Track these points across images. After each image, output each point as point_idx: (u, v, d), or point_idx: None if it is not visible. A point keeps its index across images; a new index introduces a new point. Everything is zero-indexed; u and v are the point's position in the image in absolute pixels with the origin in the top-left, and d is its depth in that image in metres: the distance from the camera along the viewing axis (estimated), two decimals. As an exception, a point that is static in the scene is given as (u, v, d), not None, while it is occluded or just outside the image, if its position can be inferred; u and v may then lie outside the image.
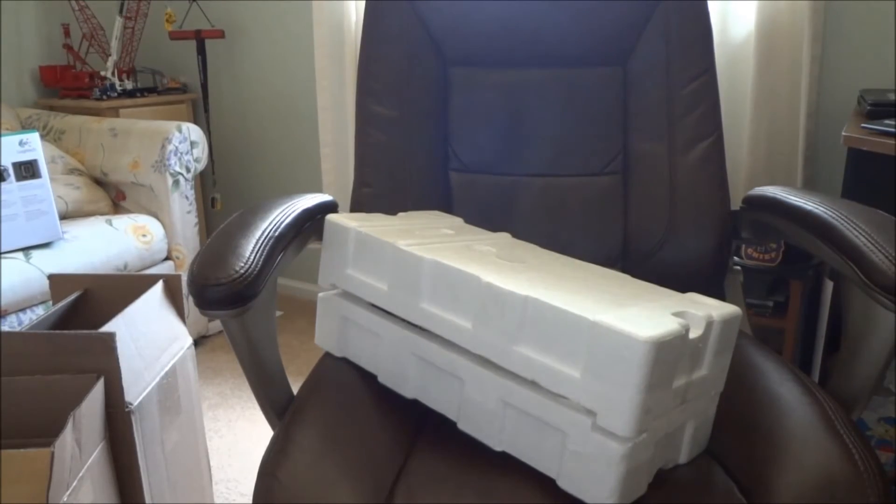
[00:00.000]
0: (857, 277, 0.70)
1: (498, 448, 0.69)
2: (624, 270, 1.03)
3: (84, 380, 0.92)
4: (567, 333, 0.60)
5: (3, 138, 1.71)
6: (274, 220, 0.84)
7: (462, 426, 0.72)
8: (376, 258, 0.77)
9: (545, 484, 0.66)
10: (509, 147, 1.06)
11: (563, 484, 0.64)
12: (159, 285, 1.16)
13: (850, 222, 0.75)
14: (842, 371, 0.79)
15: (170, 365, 1.13)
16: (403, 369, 0.77)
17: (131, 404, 0.98)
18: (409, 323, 0.78)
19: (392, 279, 0.75)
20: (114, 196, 2.14)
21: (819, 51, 1.53)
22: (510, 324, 0.65)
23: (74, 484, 0.85)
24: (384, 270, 0.76)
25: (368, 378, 0.82)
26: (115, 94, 2.40)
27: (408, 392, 0.78)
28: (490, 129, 1.07)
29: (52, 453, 0.79)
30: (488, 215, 1.05)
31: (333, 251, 0.82)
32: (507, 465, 0.69)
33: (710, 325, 0.65)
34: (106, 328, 0.97)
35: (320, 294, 0.87)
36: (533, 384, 0.66)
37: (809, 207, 0.82)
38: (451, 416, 0.74)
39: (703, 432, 0.73)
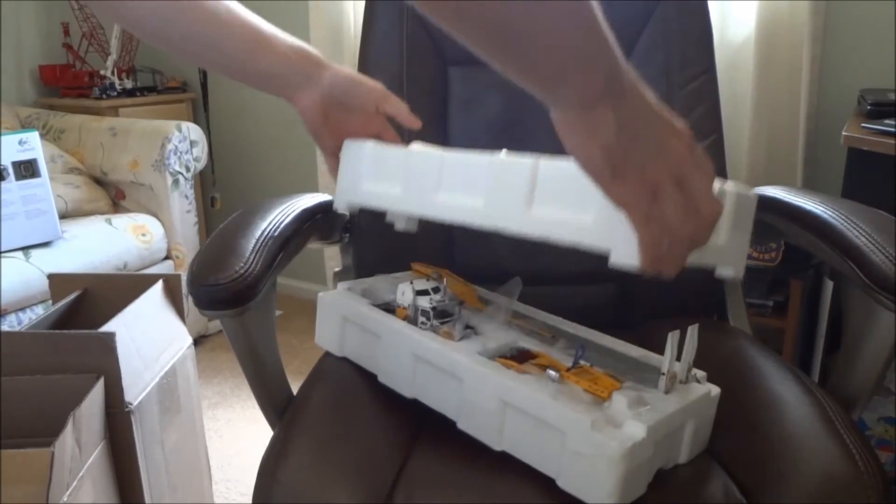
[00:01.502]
0: (857, 277, 0.70)
1: (498, 448, 0.69)
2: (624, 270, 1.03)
3: (84, 380, 0.92)
4: (578, 185, 0.60)
5: (2, 137, 1.71)
6: (273, 219, 0.84)
7: (462, 426, 0.72)
8: (391, 166, 0.77)
9: (545, 484, 0.66)
10: (509, 147, 1.06)
11: (563, 484, 0.64)
12: (159, 285, 1.16)
13: (850, 222, 0.75)
14: (842, 371, 0.79)
15: (169, 365, 1.13)
16: (403, 369, 0.77)
17: (131, 404, 0.98)
18: (407, 322, 0.78)
19: (406, 181, 0.75)
20: (113, 195, 2.14)
21: (819, 51, 1.52)
22: (522, 188, 0.65)
23: (74, 484, 0.85)
24: (398, 175, 0.76)
25: (368, 378, 0.82)
26: (115, 94, 2.40)
27: (407, 392, 0.78)
28: (489, 128, 1.07)
29: (52, 453, 0.79)
30: (488, 215, 1.05)
31: (349, 171, 0.81)
32: (507, 465, 0.69)
33: (721, 192, 0.63)
34: (106, 328, 0.97)
35: (320, 294, 0.87)
36: (532, 386, 0.66)
37: (809, 207, 0.82)
38: (450, 415, 0.74)
39: (704, 432, 0.73)
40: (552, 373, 0.68)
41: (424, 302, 0.78)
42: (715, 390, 0.72)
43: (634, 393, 0.66)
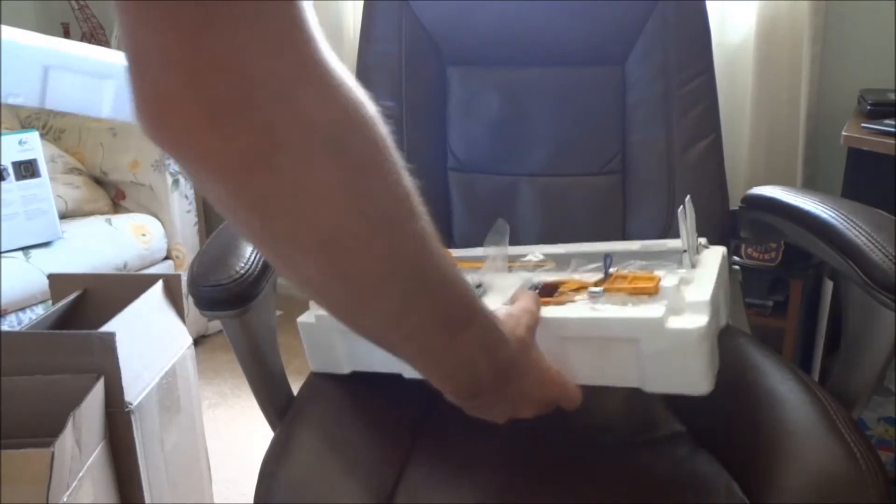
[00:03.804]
0: (857, 277, 0.70)
1: None
2: (624, 270, 1.03)
3: (84, 380, 0.92)
4: None
5: (2, 137, 1.71)
6: (274, 219, 0.84)
7: None
8: None
9: (545, 484, 0.66)
10: (508, 146, 1.06)
11: (651, 388, 0.64)
12: (159, 285, 1.16)
13: (850, 222, 0.75)
14: (842, 370, 0.79)
15: (169, 365, 1.13)
16: None
17: (131, 404, 0.98)
18: None
19: None
20: (113, 195, 2.14)
21: (819, 51, 1.52)
22: None
23: (74, 484, 0.85)
24: None
25: (369, 378, 0.82)
26: (115, 94, 2.39)
27: None
28: (488, 128, 1.07)
29: (52, 453, 0.79)
30: (487, 215, 1.05)
31: None
32: (508, 466, 0.70)
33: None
34: (106, 328, 0.97)
35: (300, 320, 0.81)
36: (586, 311, 0.66)
37: (809, 207, 0.82)
38: None
39: (726, 292, 0.76)
40: (595, 289, 0.69)
41: None
42: (720, 249, 0.76)
43: (674, 276, 0.67)
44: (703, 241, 0.75)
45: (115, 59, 0.90)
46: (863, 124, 1.18)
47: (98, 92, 0.90)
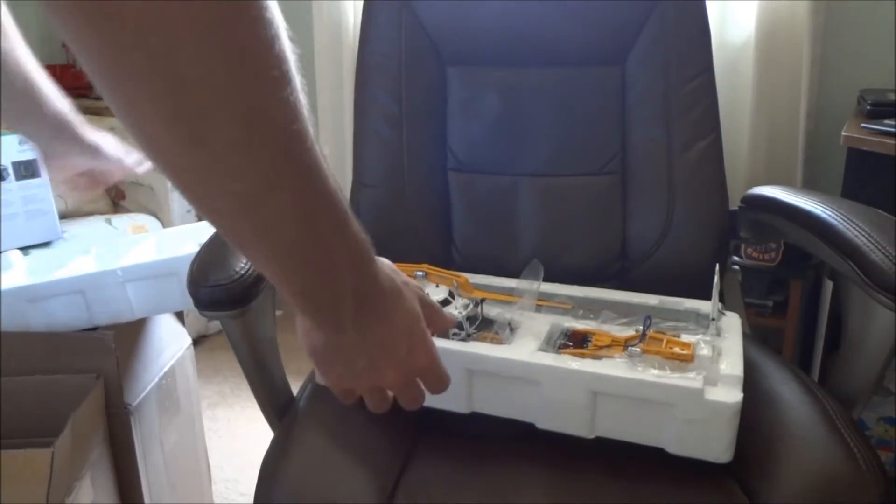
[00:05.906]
0: (856, 277, 0.70)
1: (591, 436, 0.70)
2: (622, 270, 1.03)
3: (84, 380, 0.92)
4: None
5: (2, 137, 1.71)
6: (274, 219, 0.84)
7: (542, 425, 0.72)
8: None
9: (547, 484, 0.66)
10: (507, 147, 1.06)
11: (675, 450, 0.67)
12: (159, 285, 1.16)
13: (850, 222, 0.75)
14: (842, 370, 0.79)
15: (169, 365, 1.13)
16: (454, 387, 0.75)
17: (131, 405, 0.98)
18: (457, 339, 0.76)
19: None
20: (113, 195, 2.14)
21: (819, 51, 1.52)
22: None
23: (74, 484, 0.85)
24: None
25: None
26: (115, 94, 2.39)
27: (462, 408, 0.75)
28: (488, 128, 1.07)
29: (52, 453, 0.79)
30: (487, 215, 1.05)
31: None
32: (509, 466, 0.70)
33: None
34: (105, 328, 0.97)
35: None
36: (624, 370, 0.67)
37: (809, 207, 0.82)
38: (526, 419, 0.73)
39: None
40: (634, 349, 0.71)
41: (454, 312, 0.76)
42: (736, 316, 0.79)
43: (707, 345, 0.70)
44: (718, 304, 0.78)
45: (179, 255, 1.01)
46: (863, 124, 1.18)
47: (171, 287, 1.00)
